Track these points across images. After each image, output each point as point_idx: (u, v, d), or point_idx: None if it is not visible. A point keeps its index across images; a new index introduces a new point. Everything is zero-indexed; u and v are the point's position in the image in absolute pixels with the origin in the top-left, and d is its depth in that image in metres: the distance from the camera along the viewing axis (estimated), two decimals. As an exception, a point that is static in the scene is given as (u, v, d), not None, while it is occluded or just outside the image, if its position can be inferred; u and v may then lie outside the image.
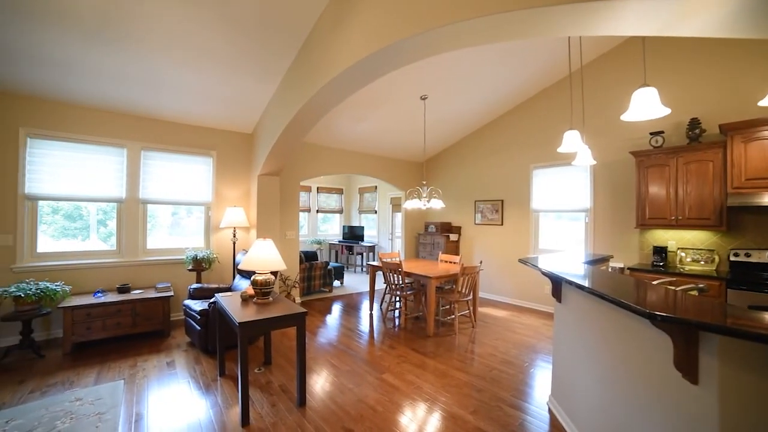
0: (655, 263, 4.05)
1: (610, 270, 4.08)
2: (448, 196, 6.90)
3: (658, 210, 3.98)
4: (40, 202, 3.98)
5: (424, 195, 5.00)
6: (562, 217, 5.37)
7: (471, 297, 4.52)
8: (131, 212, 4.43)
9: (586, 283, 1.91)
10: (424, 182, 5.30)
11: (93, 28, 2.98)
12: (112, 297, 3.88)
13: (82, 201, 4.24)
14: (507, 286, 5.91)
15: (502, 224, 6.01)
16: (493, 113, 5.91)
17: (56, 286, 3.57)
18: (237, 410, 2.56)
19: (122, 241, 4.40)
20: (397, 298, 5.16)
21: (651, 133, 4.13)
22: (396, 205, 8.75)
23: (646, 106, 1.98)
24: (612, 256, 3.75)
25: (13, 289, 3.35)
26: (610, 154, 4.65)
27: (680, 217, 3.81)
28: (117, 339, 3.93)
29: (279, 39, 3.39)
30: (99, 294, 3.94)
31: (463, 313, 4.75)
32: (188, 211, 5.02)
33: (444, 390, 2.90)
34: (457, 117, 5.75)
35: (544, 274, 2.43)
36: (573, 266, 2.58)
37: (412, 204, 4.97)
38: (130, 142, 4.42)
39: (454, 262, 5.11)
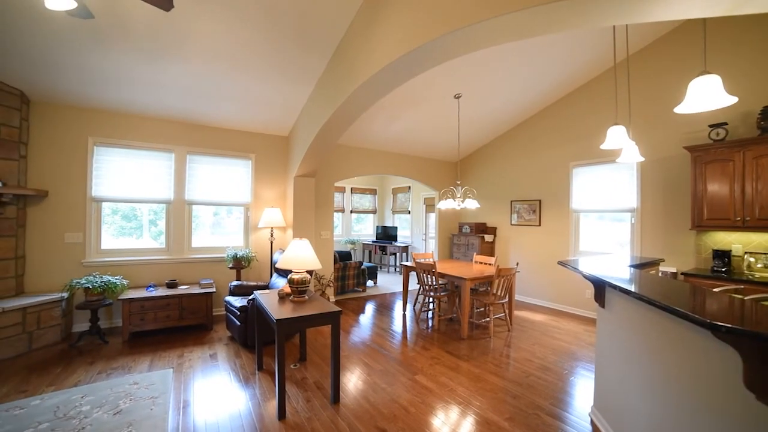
0: (715, 268, 3.72)
1: (660, 275, 3.79)
2: (482, 196, 6.75)
3: (719, 210, 3.64)
4: (103, 204, 4.37)
5: (459, 195, 4.92)
6: (604, 218, 5.07)
7: (507, 300, 4.39)
8: (178, 212, 4.74)
9: (633, 288, 1.79)
10: (459, 182, 5.22)
11: (147, 46, 3.23)
12: (162, 291, 4.17)
13: (137, 202, 4.60)
14: (545, 289, 5.67)
15: (539, 225, 5.78)
16: (530, 110, 5.70)
17: (116, 279, 3.90)
18: (274, 404, 2.66)
19: (170, 240, 4.72)
20: (431, 299, 5.12)
21: (711, 126, 3.77)
22: (429, 206, 8.68)
23: (706, 96, 1.78)
24: (663, 260, 3.48)
25: (83, 281, 3.73)
26: (660, 150, 4.33)
27: (748, 218, 3.46)
28: (166, 330, 4.22)
29: (313, 44, 3.48)
30: (151, 288, 4.25)
31: (498, 316, 4.62)
32: (228, 212, 5.28)
33: (478, 394, 2.84)
34: (491, 115, 5.61)
35: (586, 277, 2.30)
36: (618, 269, 2.43)
37: (446, 204, 4.91)
38: (178, 146, 4.73)
39: (489, 264, 4.98)
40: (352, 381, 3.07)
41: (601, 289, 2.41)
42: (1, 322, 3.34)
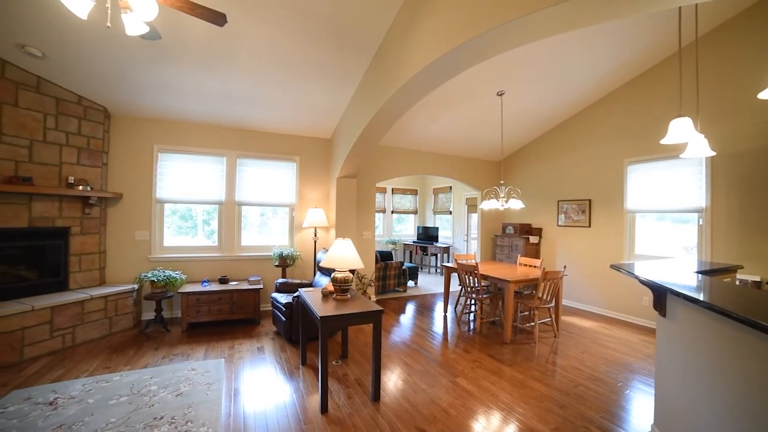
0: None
1: (737, 283, 3.41)
2: (527, 195, 6.48)
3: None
4: (165, 205, 4.79)
5: (502, 195, 4.77)
6: (665, 219, 4.65)
7: (553, 304, 4.18)
8: (229, 213, 5.07)
9: (702, 297, 1.63)
10: (502, 182, 5.05)
11: (203, 59, 3.49)
12: (215, 286, 4.48)
13: (192, 203, 4.99)
14: (595, 295, 5.32)
15: (589, 226, 5.44)
16: (579, 105, 5.38)
17: (176, 274, 4.26)
18: (316, 398, 2.76)
19: (222, 238, 5.06)
20: (473, 301, 5.02)
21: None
22: (471, 206, 8.50)
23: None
24: (741, 267, 3.11)
25: (150, 274, 4.13)
26: (735, 143, 3.88)
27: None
28: (218, 323, 4.52)
29: (353, 49, 3.55)
30: (205, 283, 4.59)
31: (544, 320, 4.41)
32: (274, 212, 5.54)
33: (522, 401, 2.74)
34: (537, 112, 5.37)
35: (643, 282, 2.14)
36: (682, 275, 2.22)
37: (488, 204, 4.78)
38: (228, 151, 5.05)
39: (535, 266, 4.77)
40: (392, 380, 3.10)
41: (661, 296, 2.22)
42: (89, 308, 3.84)
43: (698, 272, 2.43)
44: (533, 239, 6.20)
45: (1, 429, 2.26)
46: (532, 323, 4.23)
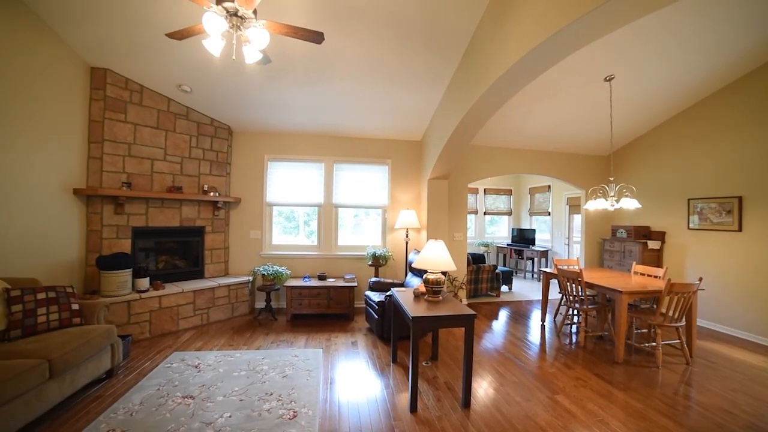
0: None
1: None
2: (644, 194, 5.56)
3: None
4: (273, 207, 5.45)
5: (612, 194, 4.19)
6: None
7: (683, 323, 3.50)
8: (327, 214, 5.51)
9: None
10: (612, 178, 4.43)
11: (304, 75, 3.89)
12: (314, 282, 4.91)
13: (295, 206, 5.56)
14: (748, 317, 4.27)
15: (739, 230, 4.39)
16: (715, 83, 4.40)
17: (282, 269, 4.81)
18: (406, 396, 2.81)
19: (321, 238, 5.52)
20: (576, 312, 4.52)
21: None
22: (574, 206, 7.66)
23: None
24: None
25: (261, 269, 4.75)
26: None
27: None
28: (316, 316, 4.94)
29: (441, 49, 3.53)
30: (306, 279, 5.07)
31: (670, 342, 3.73)
32: (366, 213, 5.83)
33: (640, 433, 2.36)
34: (656, 95, 4.56)
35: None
36: None
37: (595, 204, 4.25)
38: (326, 157, 5.50)
39: (656, 276, 4.08)
40: (483, 387, 2.98)
41: None
42: (218, 294, 4.61)
43: None
44: (653, 244, 5.28)
45: (169, 379, 2.97)
46: (653, 343, 3.61)
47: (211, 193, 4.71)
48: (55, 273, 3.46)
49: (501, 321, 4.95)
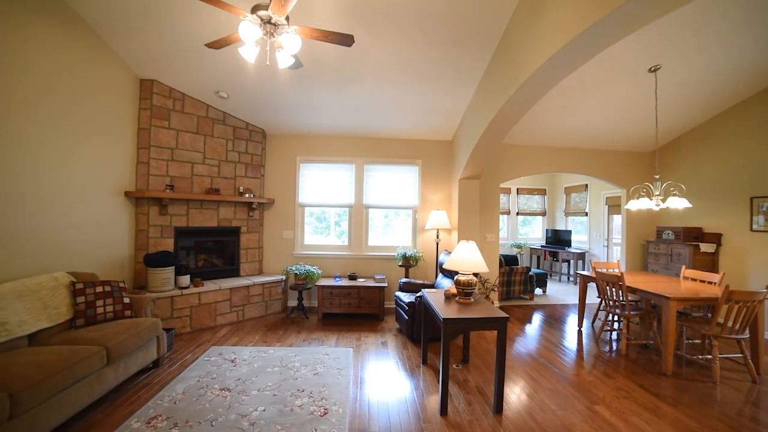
0: None
1: None
2: (695, 192, 5.16)
3: None
4: (305, 208, 5.58)
5: (657, 192, 3.92)
6: None
7: (747, 336, 3.20)
8: (357, 215, 5.56)
9: None
10: (657, 176, 4.14)
11: (334, 77, 3.95)
12: (345, 282, 4.97)
13: (326, 207, 5.66)
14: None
15: (808, 232, 3.97)
16: (787, 68, 3.98)
17: (314, 269, 4.92)
18: (436, 399, 2.77)
19: (351, 238, 5.58)
20: (616, 318, 4.27)
21: None
22: (613, 206, 7.25)
23: None
24: None
25: (293, 268, 4.87)
26: None
27: None
28: (347, 315, 5.00)
29: (475, 44, 3.46)
30: (337, 278, 5.14)
31: (730, 356, 3.42)
32: (396, 214, 5.83)
33: (691, 450, 2.19)
34: (708, 85, 4.21)
35: None
36: None
37: (638, 204, 3.99)
38: (356, 158, 5.56)
39: (710, 282, 3.78)
40: (516, 393, 2.89)
41: None
42: (253, 292, 4.79)
43: None
44: (706, 247, 4.89)
45: (208, 371, 3.13)
46: (708, 356, 3.33)
47: (247, 195, 4.90)
48: (109, 268, 3.75)
49: (534, 325, 4.78)
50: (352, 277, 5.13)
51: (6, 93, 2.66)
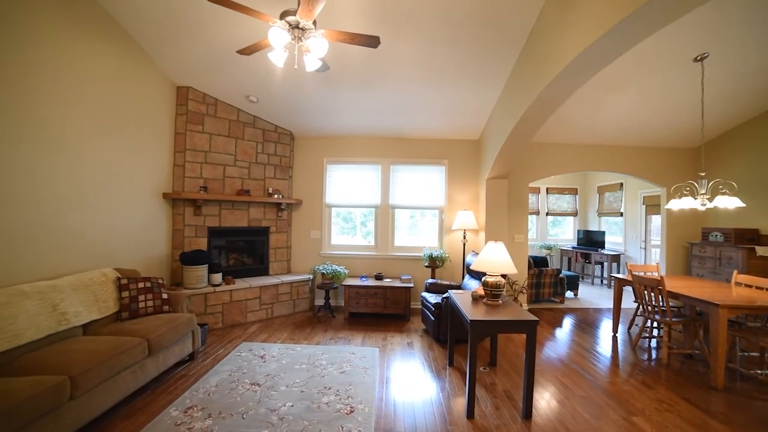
0: None
1: None
2: (747, 191, 4.78)
3: None
4: (332, 209, 5.66)
5: (702, 191, 3.67)
6: None
7: (802, 345, 2.93)
8: (383, 215, 5.58)
9: None
10: (703, 174, 3.87)
11: (360, 79, 3.99)
12: (371, 282, 5.00)
13: (353, 207, 5.72)
14: None
15: None
16: None
17: (340, 268, 4.98)
18: (462, 401, 2.73)
19: (377, 238, 5.61)
20: (656, 325, 4.04)
21: None
22: (652, 206, 6.86)
23: None
24: None
25: (320, 268, 4.97)
26: None
27: None
28: (373, 315, 5.02)
29: (499, 43, 3.38)
30: (363, 278, 5.18)
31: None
32: (422, 214, 5.79)
33: (741, 469, 2.03)
34: (763, 76, 3.89)
35: None
36: None
37: (680, 204, 3.75)
38: (382, 158, 5.58)
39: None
40: (546, 399, 2.79)
41: None
42: (281, 290, 4.91)
43: None
44: (763, 251, 4.51)
45: (239, 366, 3.25)
46: (767, 371, 3.07)
47: (275, 196, 5.04)
48: (149, 266, 3.97)
49: (565, 329, 4.61)
50: (379, 277, 5.15)
51: (67, 105, 2.89)
